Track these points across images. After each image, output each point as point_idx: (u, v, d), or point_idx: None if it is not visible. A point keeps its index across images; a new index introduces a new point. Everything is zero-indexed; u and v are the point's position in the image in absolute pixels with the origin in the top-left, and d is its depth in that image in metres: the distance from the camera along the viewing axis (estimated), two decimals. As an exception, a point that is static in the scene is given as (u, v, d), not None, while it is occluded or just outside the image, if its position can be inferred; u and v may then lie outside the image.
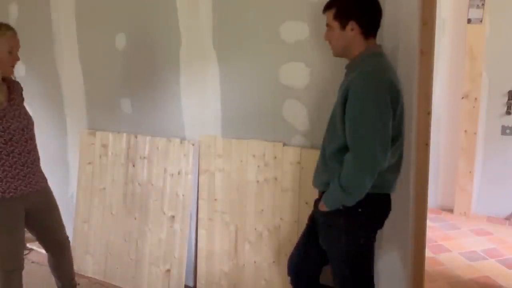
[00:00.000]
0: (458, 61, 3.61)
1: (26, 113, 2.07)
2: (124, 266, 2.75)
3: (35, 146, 2.11)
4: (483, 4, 3.40)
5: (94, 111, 2.95)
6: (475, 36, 3.46)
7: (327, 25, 1.69)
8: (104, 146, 2.84)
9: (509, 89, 3.46)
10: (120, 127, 2.81)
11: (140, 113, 2.74)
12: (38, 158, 2.14)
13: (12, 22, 3.23)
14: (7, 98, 2.00)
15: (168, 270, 2.56)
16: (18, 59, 1.99)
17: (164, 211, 2.59)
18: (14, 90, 2.05)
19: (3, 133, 1.92)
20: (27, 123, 2.04)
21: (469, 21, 3.47)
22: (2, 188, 1.95)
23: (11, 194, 1.97)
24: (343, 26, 1.63)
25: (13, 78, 2.10)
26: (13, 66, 1.99)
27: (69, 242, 2.37)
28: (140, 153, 2.70)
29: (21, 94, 2.12)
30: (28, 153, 2.04)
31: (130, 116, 2.78)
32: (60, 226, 2.30)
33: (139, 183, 2.70)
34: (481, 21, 3.42)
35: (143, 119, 2.72)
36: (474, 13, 3.44)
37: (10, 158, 1.96)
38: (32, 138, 2.08)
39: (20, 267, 2.11)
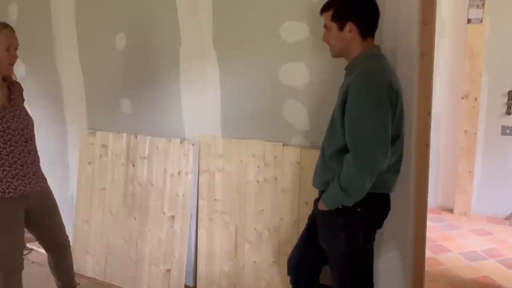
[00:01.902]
0: (458, 61, 3.61)
1: (26, 113, 2.08)
2: (124, 266, 2.75)
3: (35, 146, 2.11)
4: (483, 4, 3.40)
5: (94, 111, 2.95)
6: (475, 36, 3.46)
7: (325, 26, 1.69)
8: (104, 146, 2.84)
9: (509, 89, 3.47)
10: (120, 127, 2.81)
11: (140, 113, 2.74)
12: (38, 159, 2.14)
13: (12, 22, 3.23)
14: (8, 98, 2.00)
15: (168, 270, 2.56)
16: (16, 57, 1.98)
17: (164, 211, 2.59)
18: (14, 90, 2.06)
19: (2, 133, 1.92)
20: (27, 124, 2.04)
21: (469, 21, 3.47)
22: (2, 188, 1.95)
23: (10, 194, 1.97)
24: (341, 27, 1.63)
25: (14, 78, 2.10)
26: (11, 65, 1.98)
27: (69, 242, 2.38)
28: (140, 153, 2.70)
29: (22, 95, 2.13)
30: (28, 153, 2.04)
31: (130, 116, 2.78)
32: (60, 227, 2.30)
33: (139, 183, 2.70)
34: (481, 21, 3.42)
35: (143, 119, 2.72)
36: (474, 13, 3.44)
37: (10, 158, 1.96)
38: (32, 138, 2.09)
39: (20, 267, 2.10)
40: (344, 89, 1.60)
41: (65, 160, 3.15)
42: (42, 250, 2.43)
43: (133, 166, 2.73)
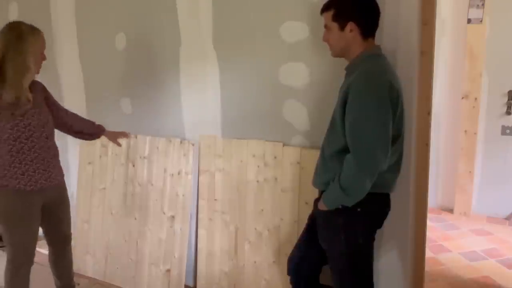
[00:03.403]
0: (458, 61, 3.61)
1: (47, 111, 2.13)
2: (124, 266, 2.75)
3: (54, 142, 2.18)
4: (483, 4, 3.40)
5: (94, 111, 2.95)
6: (475, 36, 3.47)
7: (325, 26, 1.69)
8: (104, 146, 2.84)
9: (509, 89, 3.47)
10: (120, 127, 2.80)
11: (140, 113, 2.74)
12: (58, 154, 2.21)
13: (12, 22, 3.24)
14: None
15: (168, 270, 2.56)
16: (46, 58, 2.06)
17: (164, 211, 2.60)
18: (35, 89, 2.09)
19: (24, 129, 1.98)
20: (47, 121, 2.10)
21: (469, 21, 3.47)
22: (24, 181, 2.00)
23: (31, 187, 2.02)
24: (342, 27, 1.63)
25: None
26: (40, 66, 2.07)
27: (71, 238, 2.40)
28: (140, 153, 2.70)
29: (43, 93, 2.15)
30: (48, 148, 2.10)
31: (130, 116, 2.78)
32: (69, 221, 2.35)
33: (139, 183, 2.70)
34: (481, 21, 3.43)
35: (143, 119, 2.72)
36: (474, 13, 3.44)
37: (32, 153, 2.02)
38: (52, 134, 2.15)
39: (30, 262, 2.15)
40: (344, 89, 1.60)
41: (65, 160, 3.14)
42: (43, 250, 2.44)
43: (133, 166, 2.73)
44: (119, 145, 2.47)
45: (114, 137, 2.44)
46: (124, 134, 2.45)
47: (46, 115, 2.10)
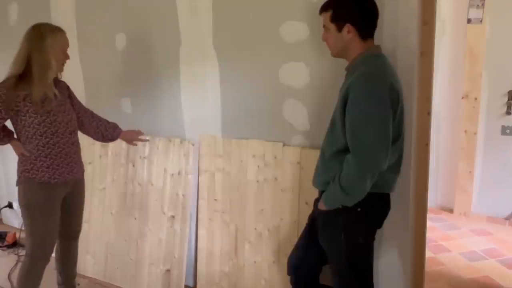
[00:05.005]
0: (458, 61, 3.61)
1: (70, 108, 2.21)
2: (124, 266, 2.75)
3: (77, 138, 2.26)
4: (483, 4, 3.40)
5: (94, 111, 2.92)
6: (475, 36, 3.47)
7: (324, 26, 1.69)
8: (104, 146, 2.84)
9: (509, 89, 3.46)
10: (120, 127, 2.81)
11: (140, 113, 2.74)
12: (80, 149, 2.30)
13: (12, 22, 3.24)
14: (54, 94, 2.10)
15: (168, 270, 2.56)
16: (69, 57, 2.15)
17: (164, 211, 2.60)
18: (60, 87, 2.17)
19: (50, 125, 2.06)
20: (71, 118, 2.19)
21: (469, 21, 3.47)
22: (49, 174, 2.10)
23: (56, 180, 2.12)
24: (340, 29, 1.62)
25: (60, 77, 2.22)
26: (63, 64, 2.14)
27: (79, 234, 2.45)
28: (140, 153, 2.70)
29: (67, 91, 2.23)
30: (72, 144, 2.18)
31: (130, 116, 2.78)
32: (82, 215, 2.44)
33: (139, 183, 2.70)
34: (481, 21, 3.43)
35: (143, 119, 2.72)
36: (474, 13, 3.44)
37: (56, 147, 2.11)
38: (75, 131, 2.24)
39: (47, 258, 2.18)
40: (344, 89, 1.59)
41: (65, 160, 3.15)
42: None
43: (133, 166, 2.73)
44: (135, 145, 2.53)
45: (130, 139, 2.47)
46: (139, 133, 2.48)
47: (70, 113, 2.19)
